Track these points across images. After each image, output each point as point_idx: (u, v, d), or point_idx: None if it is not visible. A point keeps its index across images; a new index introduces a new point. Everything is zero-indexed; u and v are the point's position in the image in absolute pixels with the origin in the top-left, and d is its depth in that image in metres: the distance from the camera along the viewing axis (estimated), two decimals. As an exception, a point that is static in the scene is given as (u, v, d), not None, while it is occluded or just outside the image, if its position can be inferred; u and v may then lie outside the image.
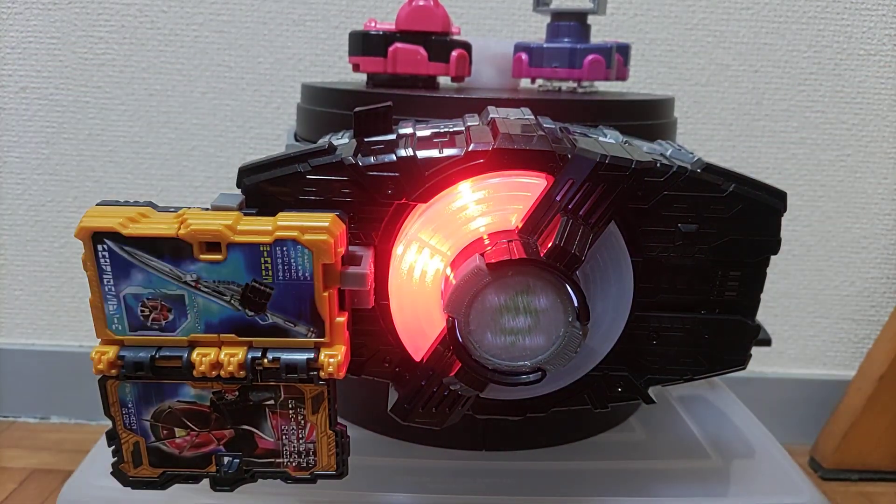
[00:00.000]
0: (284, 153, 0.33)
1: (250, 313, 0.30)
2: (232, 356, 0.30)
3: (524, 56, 0.47)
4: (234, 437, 0.32)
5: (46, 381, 0.80)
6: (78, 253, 0.74)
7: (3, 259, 0.78)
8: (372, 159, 0.32)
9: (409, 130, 0.35)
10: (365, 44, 0.45)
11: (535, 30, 0.71)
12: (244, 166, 0.33)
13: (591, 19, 0.47)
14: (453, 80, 0.47)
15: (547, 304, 0.30)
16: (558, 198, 0.30)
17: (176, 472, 0.33)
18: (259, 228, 0.29)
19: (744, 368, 0.35)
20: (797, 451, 0.75)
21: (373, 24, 0.46)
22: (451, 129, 0.34)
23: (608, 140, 0.34)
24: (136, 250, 0.29)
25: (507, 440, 0.40)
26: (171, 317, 0.30)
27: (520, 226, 0.31)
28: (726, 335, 0.34)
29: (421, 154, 0.31)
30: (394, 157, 0.31)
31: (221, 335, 0.30)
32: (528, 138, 0.31)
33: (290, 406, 0.31)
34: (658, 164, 0.32)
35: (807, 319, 0.78)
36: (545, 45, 0.46)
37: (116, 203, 0.31)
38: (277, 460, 0.32)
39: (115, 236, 0.29)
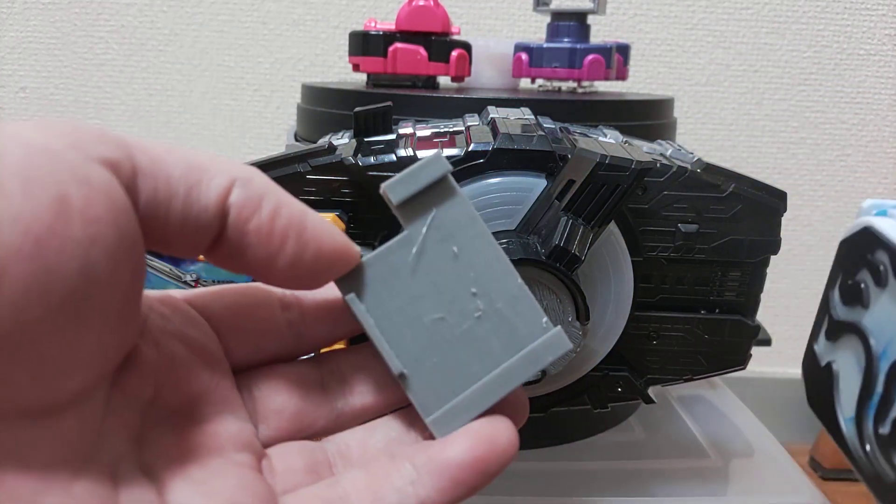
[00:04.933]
0: (284, 153, 0.33)
1: (250, 313, 0.30)
2: (232, 356, 0.30)
3: (524, 56, 0.47)
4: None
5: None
6: (78, 253, 0.74)
7: (3, 259, 0.78)
8: (372, 159, 0.32)
9: (409, 130, 0.35)
10: (365, 44, 0.45)
11: (535, 30, 0.71)
12: (244, 166, 0.33)
13: (591, 19, 0.47)
14: (453, 80, 0.47)
15: (547, 304, 0.30)
16: (558, 198, 0.30)
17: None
18: (259, 228, 0.29)
19: (744, 368, 0.35)
20: (797, 451, 0.75)
21: (373, 24, 0.46)
22: (451, 129, 0.34)
23: (608, 140, 0.34)
24: (136, 250, 0.29)
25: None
26: (170, 317, 0.30)
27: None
28: (726, 335, 0.34)
29: (421, 154, 0.31)
30: (394, 157, 0.31)
31: (221, 335, 0.30)
32: (528, 138, 0.31)
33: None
34: (658, 164, 0.32)
35: (807, 319, 0.78)
36: (545, 45, 0.46)
37: (116, 203, 0.31)
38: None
39: (115, 236, 0.29)
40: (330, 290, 0.21)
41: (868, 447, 0.22)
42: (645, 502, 0.37)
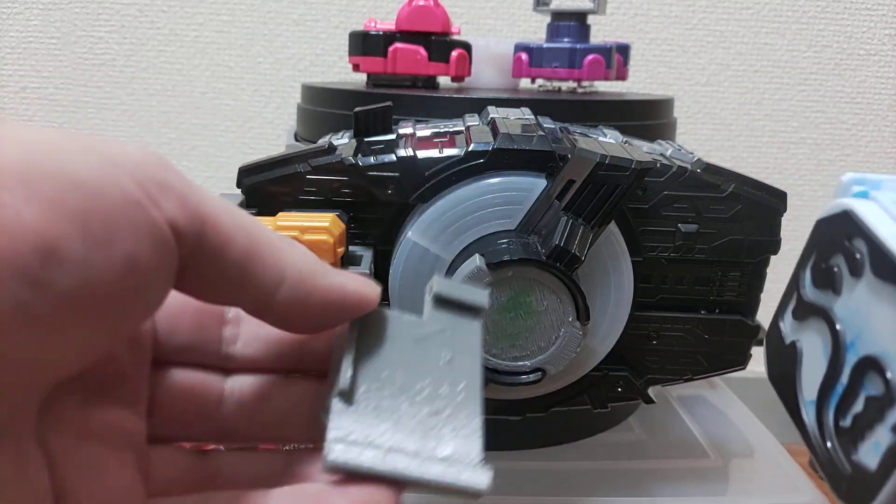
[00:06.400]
0: (284, 153, 0.33)
1: (250, 313, 0.30)
2: (232, 356, 0.30)
3: (524, 56, 0.47)
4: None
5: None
6: (78, 253, 0.74)
7: (3, 259, 0.78)
8: (372, 159, 0.32)
9: (409, 130, 0.35)
10: (365, 44, 0.45)
11: (535, 30, 0.71)
12: (244, 166, 0.33)
13: (591, 19, 0.47)
14: (453, 80, 0.47)
15: (547, 304, 0.30)
16: (558, 198, 0.30)
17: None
18: (259, 228, 0.29)
19: (744, 368, 0.35)
20: (797, 451, 0.75)
21: (373, 24, 0.46)
22: (451, 129, 0.34)
23: (608, 140, 0.34)
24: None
25: (506, 440, 0.40)
26: (171, 317, 0.30)
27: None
28: (726, 335, 0.34)
29: (421, 154, 0.31)
30: (394, 157, 0.31)
31: (221, 335, 0.30)
32: (528, 138, 0.31)
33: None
34: (658, 164, 0.32)
35: (807, 319, 0.78)
36: (545, 45, 0.46)
37: (116, 203, 0.31)
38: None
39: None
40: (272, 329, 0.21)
41: (826, 435, 0.22)
42: (645, 502, 0.37)
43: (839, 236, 0.23)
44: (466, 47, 0.46)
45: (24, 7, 0.70)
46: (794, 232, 0.75)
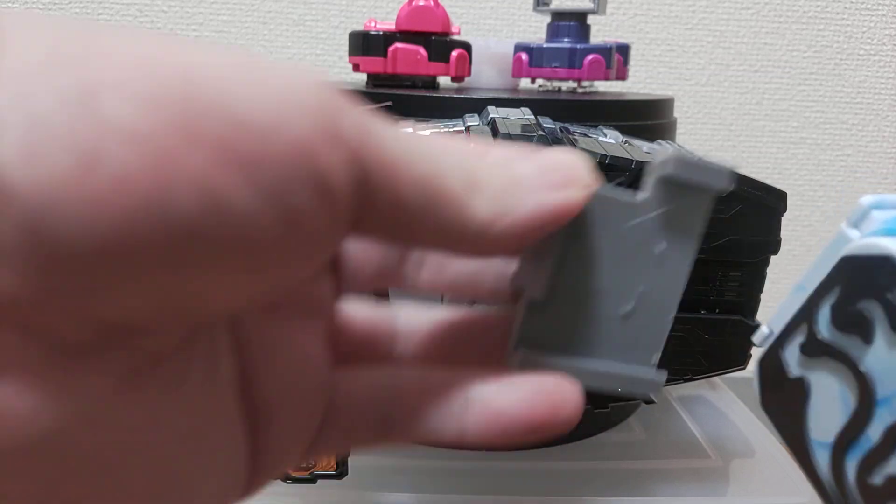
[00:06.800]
0: (284, 153, 0.33)
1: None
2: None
3: (524, 56, 0.47)
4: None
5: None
6: (78, 253, 0.74)
7: (3, 259, 0.77)
8: (372, 159, 0.32)
9: (408, 130, 0.35)
10: (365, 44, 0.45)
11: (535, 30, 0.71)
12: (244, 166, 0.33)
13: (591, 19, 0.47)
14: (453, 80, 0.47)
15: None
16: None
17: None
18: (259, 228, 0.29)
19: (744, 368, 0.35)
20: (797, 451, 0.75)
21: (373, 24, 0.46)
22: (451, 129, 0.34)
23: (608, 140, 0.34)
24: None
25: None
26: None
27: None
28: (726, 335, 0.34)
29: (421, 154, 0.31)
30: (394, 157, 0.31)
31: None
32: (527, 138, 0.31)
33: (290, 406, 0.31)
34: (658, 164, 0.32)
35: (807, 319, 0.77)
36: (545, 45, 0.46)
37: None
38: (277, 460, 0.32)
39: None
40: None
41: (844, 485, 0.20)
42: (645, 502, 0.37)
43: (876, 282, 0.20)
44: (466, 47, 0.46)
45: (24, 7, 0.70)
46: (794, 232, 0.74)
